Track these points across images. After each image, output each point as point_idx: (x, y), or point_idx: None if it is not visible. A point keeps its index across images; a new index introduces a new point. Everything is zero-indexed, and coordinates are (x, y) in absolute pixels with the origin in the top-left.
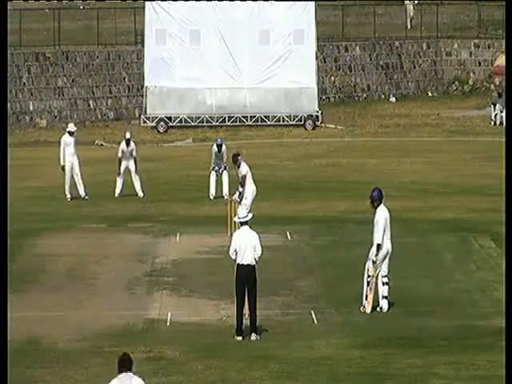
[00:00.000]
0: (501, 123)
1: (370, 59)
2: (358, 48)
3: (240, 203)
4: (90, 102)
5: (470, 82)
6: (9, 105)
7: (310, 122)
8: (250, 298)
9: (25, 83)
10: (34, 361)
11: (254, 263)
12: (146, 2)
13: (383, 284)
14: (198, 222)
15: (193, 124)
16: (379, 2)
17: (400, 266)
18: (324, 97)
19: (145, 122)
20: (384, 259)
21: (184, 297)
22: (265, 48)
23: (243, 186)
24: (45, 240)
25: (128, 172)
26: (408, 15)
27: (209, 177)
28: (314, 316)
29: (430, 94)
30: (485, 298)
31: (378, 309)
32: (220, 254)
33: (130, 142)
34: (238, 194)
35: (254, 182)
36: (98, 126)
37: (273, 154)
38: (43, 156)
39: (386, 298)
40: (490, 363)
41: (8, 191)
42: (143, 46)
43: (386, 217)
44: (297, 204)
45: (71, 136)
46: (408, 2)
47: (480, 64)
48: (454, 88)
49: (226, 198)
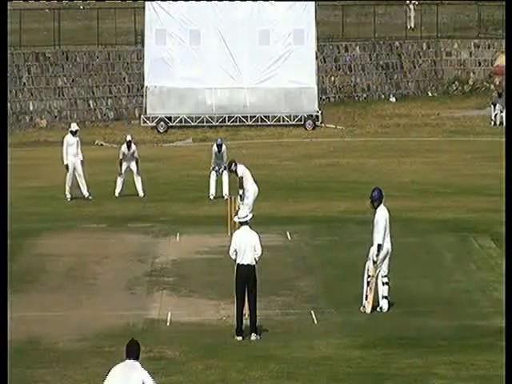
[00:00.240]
0: (501, 123)
1: (370, 59)
2: (357, 48)
3: (242, 204)
4: (90, 101)
5: (470, 82)
6: (9, 105)
7: (309, 121)
8: (250, 297)
9: (25, 83)
10: (33, 361)
11: (254, 263)
12: (146, 2)
13: (383, 284)
14: (198, 222)
15: (193, 124)
16: (379, 2)
17: (400, 266)
18: (324, 97)
19: (145, 122)
20: (384, 259)
21: (184, 297)
22: (265, 48)
23: (242, 187)
24: (45, 240)
25: (129, 172)
26: (409, 16)
27: (209, 177)
28: (313, 316)
29: (430, 94)
30: (485, 298)
31: (378, 309)
32: (220, 253)
33: (131, 145)
34: (239, 197)
35: (255, 181)
36: (98, 126)
37: (273, 154)
38: (43, 156)
39: (385, 297)
40: (489, 363)
41: (8, 191)
42: (143, 45)
43: (386, 217)
44: (297, 204)
45: (74, 136)
46: (409, 3)
47: (480, 64)
48: (454, 88)
49: (225, 197)
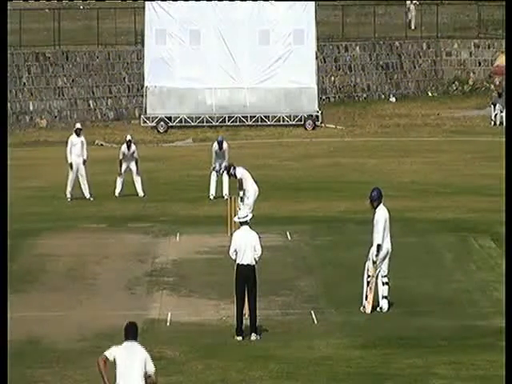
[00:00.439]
0: (501, 123)
1: (370, 59)
2: (358, 48)
3: (243, 204)
4: (90, 101)
5: (470, 82)
6: (9, 105)
7: (309, 121)
8: (250, 297)
9: (25, 83)
10: (34, 361)
11: (254, 263)
12: (146, 2)
13: (383, 284)
14: (198, 222)
15: (193, 124)
16: (379, 2)
17: (400, 266)
18: (324, 97)
19: (145, 122)
20: (384, 259)
21: (184, 297)
22: (265, 48)
23: (242, 189)
24: (45, 240)
25: (129, 172)
26: (410, 17)
27: (209, 176)
28: (313, 316)
29: (430, 94)
30: (485, 298)
31: (378, 309)
32: (220, 253)
33: (131, 145)
34: (239, 198)
35: (256, 182)
36: (98, 126)
37: (273, 154)
38: (43, 156)
39: (385, 297)
40: (489, 363)
41: (8, 191)
42: (143, 45)
43: (385, 217)
44: (297, 204)
45: (78, 136)
46: (409, 3)
47: (480, 64)
48: (454, 88)
49: (225, 197)
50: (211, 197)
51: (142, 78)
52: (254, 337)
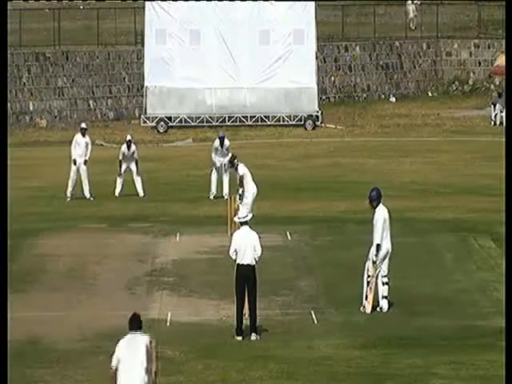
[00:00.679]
0: (501, 123)
1: (370, 59)
2: (358, 48)
3: (241, 203)
4: (90, 102)
5: (470, 82)
6: (9, 105)
7: (309, 122)
8: (250, 297)
9: (25, 83)
10: (34, 361)
11: (254, 263)
12: (146, 2)
13: (383, 284)
14: (198, 222)
15: (193, 124)
16: (379, 2)
17: (400, 266)
18: (324, 97)
19: (145, 122)
20: (384, 259)
21: (184, 297)
22: (265, 48)
23: (242, 186)
24: (45, 240)
25: (129, 172)
26: (410, 18)
27: (210, 176)
28: (313, 316)
29: (430, 94)
30: (485, 298)
31: (378, 309)
32: (220, 254)
33: (131, 145)
34: (238, 196)
35: (255, 182)
36: (98, 126)
37: (273, 154)
38: (43, 156)
39: (385, 297)
40: (489, 363)
41: (8, 191)
42: (143, 45)
43: (385, 217)
44: (297, 204)
45: (83, 137)
46: (409, 3)
47: (480, 64)
48: (454, 88)
49: (225, 197)
50: (212, 196)
51: (142, 78)
52: (253, 337)
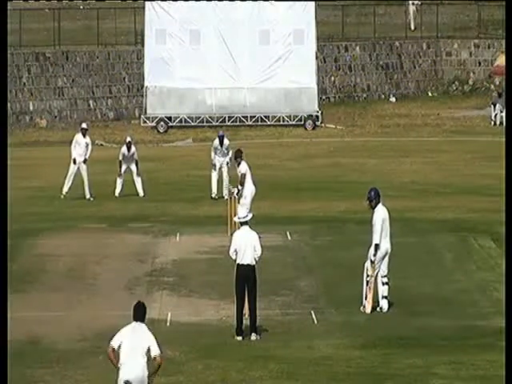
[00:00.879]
0: (501, 123)
1: (370, 59)
2: (358, 48)
3: (239, 202)
4: (90, 101)
5: (470, 82)
6: (9, 105)
7: (309, 122)
8: (250, 297)
9: (25, 83)
10: (34, 361)
11: (254, 263)
12: (146, 2)
13: (383, 284)
14: (198, 222)
15: (193, 124)
16: (379, 2)
17: (400, 265)
18: (324, 97)
19: (145, 122)
20: (383, 259)
21: (184, 297)
22: (265, 48)
23: (242, 184)
24: (45, 240)
25: (129, 172)
26: (411, 18)
27: (210, 175)
28: (313, 316)
29: (430, 94)
30: (485, 298)
31: (378, 309)
32: (220, 254)
33: (131, 146)
34: (237, 190)
35: (254, 182)
36: (98, 126)
37: (273, 154)
38: (43, 156)
39: (385, 297)
40: (489, 363)
41: (8, 191)
42: (143, 45)
43: (383, 217)
44: (297, 204)
45: (84, 137)
46: (411, 3)
47: (480, 64)
48: (454, 88)
49: (226, 197)
50: (213, 195)
51: (142, 78)
52: (253, 337)
